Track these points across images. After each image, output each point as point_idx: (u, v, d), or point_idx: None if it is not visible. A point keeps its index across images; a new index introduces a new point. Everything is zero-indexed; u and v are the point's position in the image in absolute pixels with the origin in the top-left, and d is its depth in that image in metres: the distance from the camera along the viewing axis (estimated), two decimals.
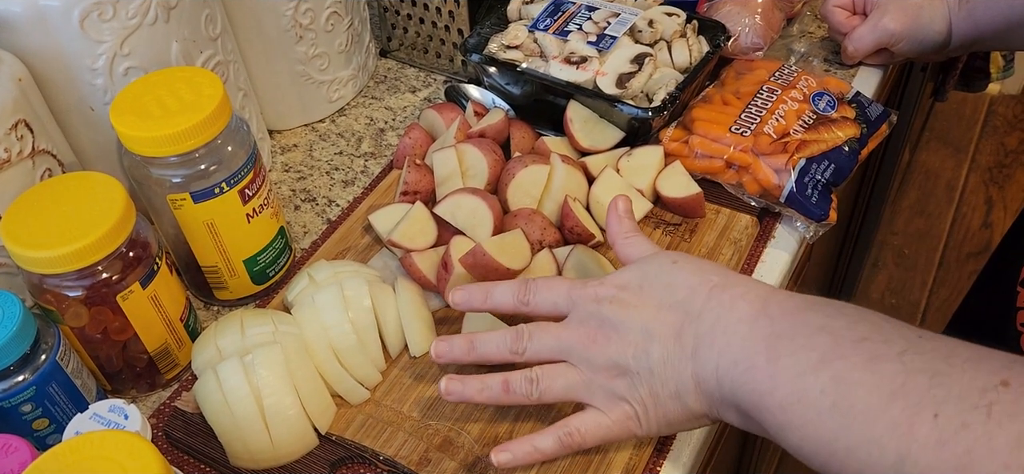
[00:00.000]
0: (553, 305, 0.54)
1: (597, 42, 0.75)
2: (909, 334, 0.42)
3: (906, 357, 0.40)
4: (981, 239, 2.10)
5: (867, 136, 0.73)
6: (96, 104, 0.63)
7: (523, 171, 0.68)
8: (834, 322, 0.43)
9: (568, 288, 0.53)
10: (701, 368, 0.47)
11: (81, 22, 0.58)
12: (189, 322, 0.63)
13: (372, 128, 0.85)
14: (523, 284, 0.55)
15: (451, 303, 0.56)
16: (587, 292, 0.52)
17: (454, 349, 0.55)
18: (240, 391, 0.54)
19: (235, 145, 0.61)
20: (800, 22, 0.91)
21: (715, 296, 0.48)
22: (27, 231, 0.53)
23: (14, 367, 0.52)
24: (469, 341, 0.54)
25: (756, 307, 0.46)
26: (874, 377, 0.40)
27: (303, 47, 0.79)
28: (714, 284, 0.48)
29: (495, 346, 0.54)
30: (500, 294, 0.55)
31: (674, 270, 0.50)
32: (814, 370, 0.42)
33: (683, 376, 0.48)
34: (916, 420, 0.38)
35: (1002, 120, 2.39)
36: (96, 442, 0.40)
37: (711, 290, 0.48)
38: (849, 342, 0.42)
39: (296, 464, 0.56)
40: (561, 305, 0.53)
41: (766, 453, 1.44)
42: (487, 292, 0.56)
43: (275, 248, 0.67)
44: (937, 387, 0.38)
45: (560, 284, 0.54)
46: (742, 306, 0.47)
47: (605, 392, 0.51)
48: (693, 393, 0.48)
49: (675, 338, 0.48)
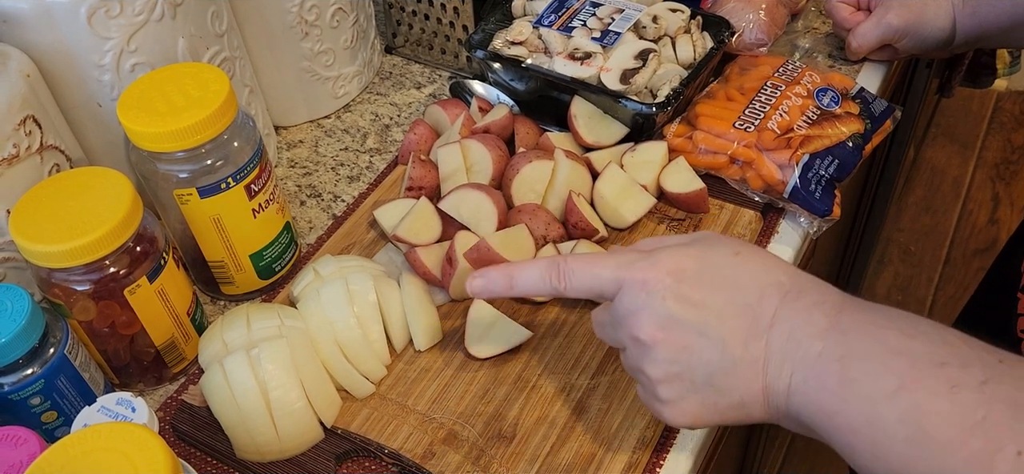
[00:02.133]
0: (593, 290, 0.48)
1: (601, 38, 0.75)
2: (989, 359, 0.39)
3: (987, 387, 0.38)
4: (987, 236, 2.09)
5: (871, 132, 0.73)
6: (103, 100, 0.63)
7: (527, 167, 0.69)
8: (912, 343, 0.41)
9: (613, 269, 0.47)
10: (772, 382, 0.44)
11: (88, 18, 0.59)
12: (196, 316, 0.63)
13: (377, 124, 0.85)
14: (555, 266, 0.49)
15: (470, 291, 0.52)
16: (636, 276, 0.46)
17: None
18: (246, 385, 0.55)
19: (241, 141, 0.61)
20: (804, 18, 0.91)
21: (788, 304, 0.44)
22: (35, 226, 0.54)
23: (23, 360, 0.52)
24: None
25: (830, 319, 0.43)
26: (953, 407, 0.38)
27: (309, 43, 0.80)
28: (786, 290, 0.45)
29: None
30: (527, 278, 0.50)
31: (738, 264, 0.46)
32: (889, 398, 0.40)
33: (752, 388, 0.44)
34: (997, 457, 0.36)
35: (1009, 116, 2.38)
36: (104, 434, 0.41)
37: (784, 297, 0.44)
38: (927, 367, 0.39)
39: (302, 457, 0.57)
40: (606, 289, 0.48)
41: (770, 451, 1.44)
42: (511, 277, 0.51)
43: (281, 243, 0.67)
44: (1019, 422, 0.36)
45: (601, 264, 0.48)
46: (817, 318, 0.43)
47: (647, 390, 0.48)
48: (760, 404, 0.45)
49: (743, 346, 0.44)
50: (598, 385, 0.59)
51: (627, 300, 0.46)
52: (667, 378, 0.46)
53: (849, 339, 0.42)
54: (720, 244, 0.48)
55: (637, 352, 0.47)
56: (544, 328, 0.63)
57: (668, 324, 0.45)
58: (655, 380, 0.47)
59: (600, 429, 0.56)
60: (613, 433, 0.56)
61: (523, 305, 0.65)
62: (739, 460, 1.16)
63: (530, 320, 0.64)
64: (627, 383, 0.59)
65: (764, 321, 0.44)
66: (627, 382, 0.59)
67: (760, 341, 0.44)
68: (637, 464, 0.55)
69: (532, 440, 0.56)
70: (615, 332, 0.49)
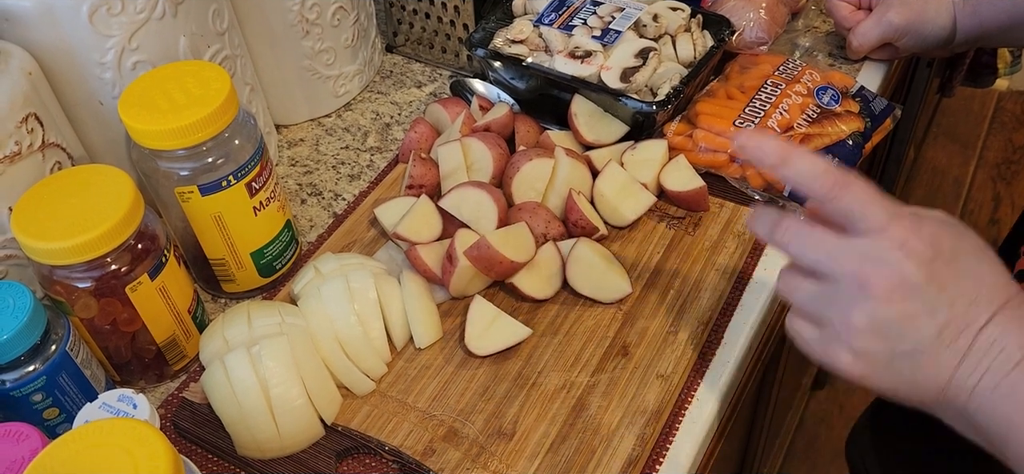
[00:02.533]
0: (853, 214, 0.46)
1: (602, 37, 0.75)
2: None
3: None
4: (988, 235, 2.09)
5: (871, 130, 0.73)
6: (105, 98, 0.64)
7: (528, 165, 0.69)
8: None
9: (885, 211, 0.46)
10: (961, 378, 0.44)
11: (90, 17, 0.59)
12: (197, 314, 0.63)
13: (378, 123, 0.85)
14: (834, 174, 0.47)
15: (736, 144, 0.50)
16: (900, 232, 0.45)
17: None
18: (247, 382, 0.55)
19: (242, 139, 0.61)
20: (805, 17, 0.91)
21: (1006, 312, 0.45)
22: (37, 223, 0.54)
23: (25, 357, 0.53)
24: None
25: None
26: None
27: (309, 42, 0.80)
28: (1009, 298, 0.45)
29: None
30: (801, 168, 0.48)
31: (983, 260, 0.46)
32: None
33: (940, 375, 0.45)
34: None
35: (1010, 116, 2.38)
36: (105, 430, 0.41)
37: (1006, 305, 0.45)
38: None
39: (302, 454, 0.57)
40: (867, 222, 0.46)
41: (770, 451, 1.44)
42: (786, 158, 0.48)
43: (282, 241, 0.68)
44: None
45: (876, 199, 0.46)
46: (1021, 333, 0.44)
47: (832, 331, 0.47)
48: (934, 392, 0.45)
49: (954, 336, 0.45)
50: (598, 383, 0.59)
51: (880, 247, 0.46)
52: (872, 332, 0.46)
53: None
54: (970, 233, 0.47)
55: (852, 294, 0.46)
56: (544, 326, 0.63)
57: (906, 289, 0.45)
58: (856, 328, 0.46)
59: (600, 427, 0.57)
60: (613, 431, 0.56)
61: (523, 303, 0.65)
62: (739, 460, 1.17)
63: (530, 318, 0.64)
64: (627, 381, 0.59)
65: (981, 320, 0.44)
66: (627, 379, 0.59)
67: (969, 336, 0.44)
68: (637, 462, 0.55)
69: (532, 437, 0.56)
70: (836, 261, 0.47)
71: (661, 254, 0.67)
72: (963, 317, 0.44)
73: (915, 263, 0.45)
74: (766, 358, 0.78)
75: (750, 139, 0.49)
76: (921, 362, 0.45)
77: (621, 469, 0.54)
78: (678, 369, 0.60)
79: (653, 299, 0.64)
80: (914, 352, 0.45)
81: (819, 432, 1.68)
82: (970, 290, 0.45)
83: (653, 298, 0.64)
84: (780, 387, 1.12)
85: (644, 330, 0.62)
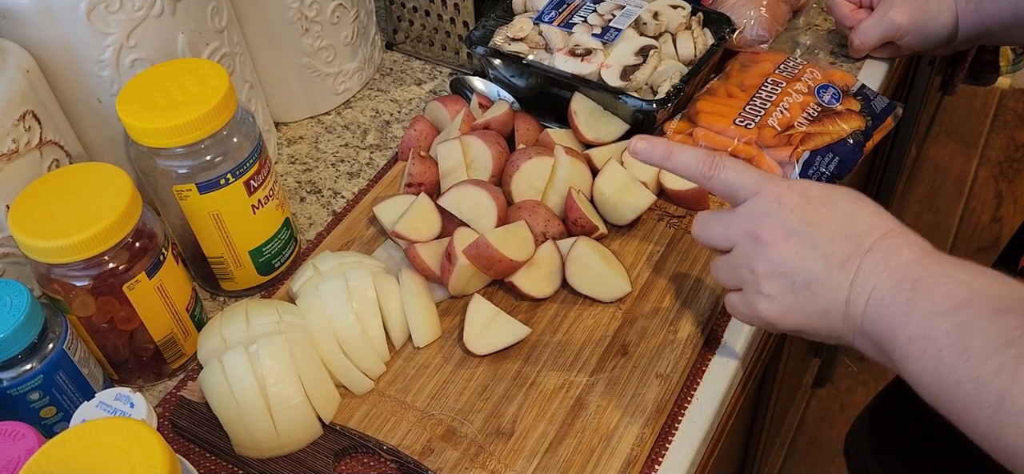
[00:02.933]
0: (732, 187, 0.55)
1: (602, 35, 0.75)
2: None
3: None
4: (990, 234, 2.09)
5: (872, 129, 0.73)
6: (103, 96, 0.63)
7: (527, 163, 0.69)
8: (976, 280, 0.47)
9: (757, 177, 0.55)
10: (856, 296, 0.50)
11: (88, 14, 0.59)
12: (195, 312, 0.63)
13: (378, 120, 0.85)
14: (710, 157, 0.56)
15: (631, 150, 0.58)
16: (773, 189, 0.54)
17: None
18: (245, 380, 0.55)
19: (241, 136, 0.61)
20: (806, 15, 0.91)
21: (886, 240, 0.50)
22: (35, 221, 0.54)
23: (22, 355, 0.53)
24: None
25: (916, 255, 0.49)
26: (994, 326, 0.43)
27: (309, 39, 0.80)
28: (889, 230, 0.51)
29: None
30: (683, 157, 0.57)
31: (857, 205, 0.53)
32: (944, 314, 0.46)
33: (837, 299, 0.51)
34: (1022, 368, 0.41)
35: (1012, 114, 2.38)
36: (102, 430, 0.41)
37: (886, 234, 0.51)
38: (983, 297, 0.45)
39: (300, 453, 0.57)
40: (745, 190, 0.55)
41: (770, 451, 1.44)
42: (671, 152, 0.57)
43: (280, 239, 0.67)
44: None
45: (748, 170, 0.55)
46: (906, 253, 0.49)
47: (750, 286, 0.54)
48: (840, 315, 0.51)
49: (841, 263, 0.51)
50: (597, 382, 0.59)
51: (760, 204, 0.54)
52: (773, 275, 0.53)
53: (926, 270, 0.48)
54: (850, 192, 0.54)
55: (752, 250, 0.53)
56: (543, 325, 0.63)
57: (788, 233, 0.52)
58: (762, 275, 0.53)
59: (598, 426, 0.56)
60: (611, 430, 0.56)
61: (522, 302, 0.65)
62: (739, 460, 1.16)
63: (529, 317, 0.64)
64: (626, 380, 0.59)
65: (863, 247, 0.51)
66: (626, 379, 0.59)
67: (855, 262, 0.50)
68: (636, 461, 0.55)
69: (531, 437, 0.56)
70: (732, 229, 0.55)
71: (661, 253, 0.67)
72: (844, 246, 0.51)
73: (788, 209, 0.52)
74: (766, 358, 0.78)
75: (639, 142, 0.58)
76: (817, 292, 0.51)
77: (620, 469, 0.54)
78: (678, 369, 0.59)
79: (653, 298, 0.64)
80: (809, 282, 0.51)
81: (820, 430, 1.68)
82: (846, 224, 0.51)
83: (653, 297, 0.64)
84: (780, 387, 1.12)
85: (644, 329, 0.62)
